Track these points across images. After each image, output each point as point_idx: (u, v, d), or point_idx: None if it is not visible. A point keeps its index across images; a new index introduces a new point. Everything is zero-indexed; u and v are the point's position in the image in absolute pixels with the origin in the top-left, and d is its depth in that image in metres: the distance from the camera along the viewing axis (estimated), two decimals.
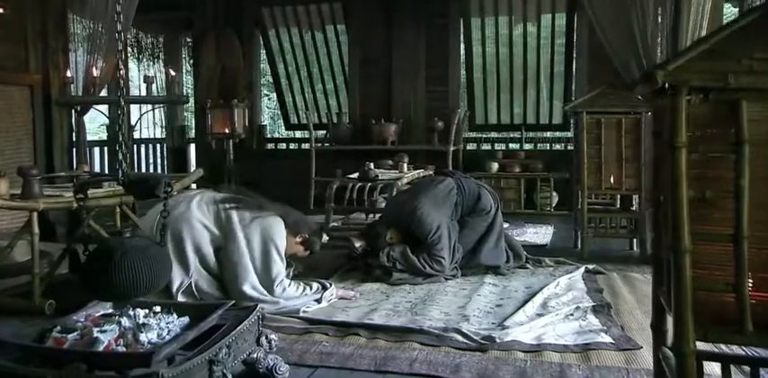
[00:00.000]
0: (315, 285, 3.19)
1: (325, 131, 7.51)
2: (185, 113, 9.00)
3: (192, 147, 8.51)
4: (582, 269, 3.81)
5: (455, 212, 3.83)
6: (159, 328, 1.91)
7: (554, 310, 2.98)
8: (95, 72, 5.06)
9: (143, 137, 8.10)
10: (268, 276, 3.04)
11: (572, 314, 2.94)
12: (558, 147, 7.31)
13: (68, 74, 5.13)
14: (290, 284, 3.09)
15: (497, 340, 2.57)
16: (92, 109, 5.45)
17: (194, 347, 1.91)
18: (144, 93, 5.35)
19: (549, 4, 6.85)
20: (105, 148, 6.71)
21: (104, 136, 7.61)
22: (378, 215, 5.46)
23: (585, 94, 6.69)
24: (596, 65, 6.69)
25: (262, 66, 8.04)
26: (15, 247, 3.69)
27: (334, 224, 4.98)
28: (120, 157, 1.98)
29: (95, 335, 1.81)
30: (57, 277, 3.55)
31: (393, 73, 7.05)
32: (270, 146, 8.13)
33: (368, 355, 2.46)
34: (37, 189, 3.12)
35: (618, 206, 4.70)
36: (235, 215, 3.08)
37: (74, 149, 5.41)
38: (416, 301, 3.20)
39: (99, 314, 1.96)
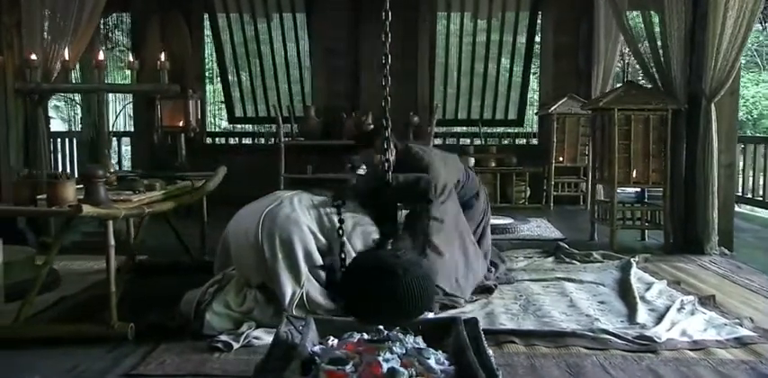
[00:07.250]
0: None
1: (274, 125, 7.06)
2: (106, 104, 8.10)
3: (115, 141, 7.70)
4: (634, 262, 3.87)
5: (457, 187, 3.27)
6: (434, 352, 1.65)
7: (661, 305, 3.00)
8: (66, 55, 4.38)
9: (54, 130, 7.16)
10: None
11: (682, 308, 2.97)
12: (505, 142, 7.48)
13: (33, 57, 4.39)
14: None
15: (657, 340, 2.53)
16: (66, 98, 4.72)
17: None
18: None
19: (514, 3, 6.95)
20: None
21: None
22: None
23: (549, 92, 6.94)
24: (559, 63, 6.92)
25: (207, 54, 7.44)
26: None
27: None
28: (386, 156, 1.69)
29: (386, 365, 1.52)
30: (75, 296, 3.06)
31: (360, 66, 6.81)
32: (209, 140, 7.58)
33: (550, 365, 2.31)
34: (103, 193, 2.62)
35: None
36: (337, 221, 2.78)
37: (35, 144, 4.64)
38: (523, 303, 3.09)
39: (355, 340, 1.66)
